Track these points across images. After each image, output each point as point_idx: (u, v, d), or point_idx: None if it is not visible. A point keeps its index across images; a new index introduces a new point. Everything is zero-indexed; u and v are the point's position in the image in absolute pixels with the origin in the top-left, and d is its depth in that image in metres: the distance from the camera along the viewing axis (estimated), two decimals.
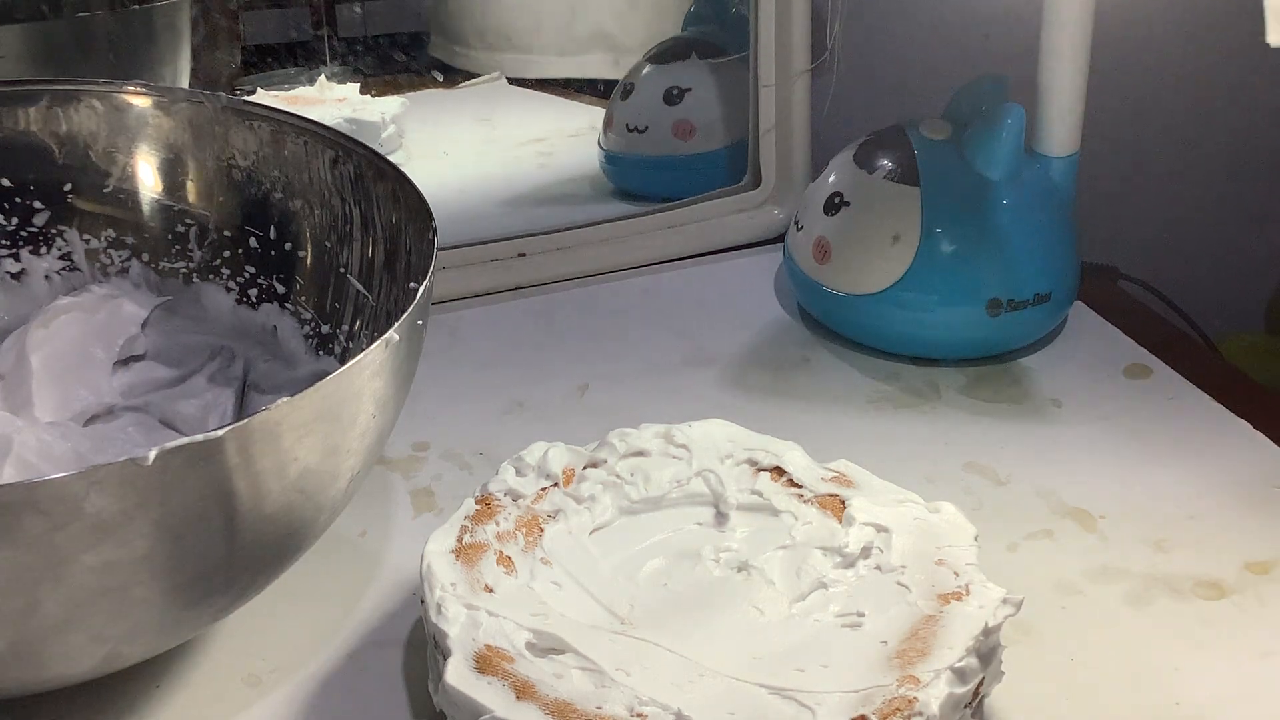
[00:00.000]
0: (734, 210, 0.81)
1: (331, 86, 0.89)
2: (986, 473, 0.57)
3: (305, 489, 0.41)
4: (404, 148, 0.89)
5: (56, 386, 0.55)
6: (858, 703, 0.38)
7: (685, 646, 0.41)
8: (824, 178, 0.69)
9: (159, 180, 0.58)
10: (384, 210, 0.53)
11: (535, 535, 0.46)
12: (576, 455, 0.49)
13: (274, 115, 0.56)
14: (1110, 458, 0.57)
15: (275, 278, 0.57)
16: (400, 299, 0.50)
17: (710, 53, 0.83)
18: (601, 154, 0.86)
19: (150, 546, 0.37)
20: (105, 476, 0.35)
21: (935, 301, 0.64)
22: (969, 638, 0.40)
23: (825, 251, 0.66)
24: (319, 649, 0.47)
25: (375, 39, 0.91)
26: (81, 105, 0.56)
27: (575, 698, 0.38)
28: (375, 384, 0.42)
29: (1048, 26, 0.62)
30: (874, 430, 0.61)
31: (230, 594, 0.43)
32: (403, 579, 0.51)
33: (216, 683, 0.46)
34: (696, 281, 0.76)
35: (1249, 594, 0.49)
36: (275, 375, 0.56)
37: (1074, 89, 0.63)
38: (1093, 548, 0.52)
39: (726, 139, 0.83)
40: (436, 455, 0.59)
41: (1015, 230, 0.63)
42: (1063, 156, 0.65)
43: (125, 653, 0.41)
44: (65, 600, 0.37)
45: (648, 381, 0.65)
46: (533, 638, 0.41)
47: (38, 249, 0.57)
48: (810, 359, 0.67)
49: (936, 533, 0.45)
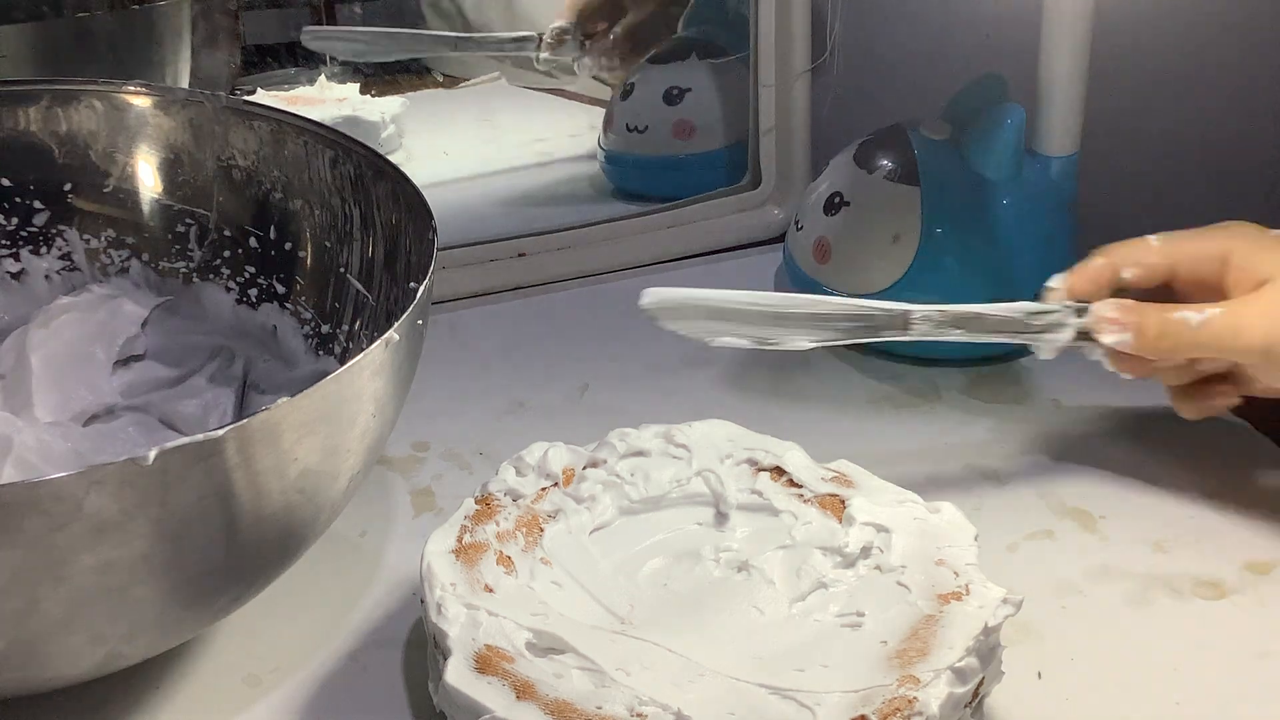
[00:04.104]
0: (734, 210, 0.81)
1: (331, 86, 0.89)
2: (986, 473, 0.57)
3: (305, 489, 0.41)
4: (404, 148, 0.89)
5: (56, 386, 0.55)
6: (858, 703, 0.38)
7: (685, 646, 0.41)
8: (824, 178, 0.69)
9: (159, 180, 0.58)
10: (384, 210, 0.53)
11: (535, 535, 0.46)
12: (576, 455, 0.49)
13: (274, 115, 0.56)
14: (1110, 458, 0.57)
15: (275, 278, 0.57)
16: (400, 299, 0.50)
17: (710, 53, 0.83)
18: (601, 154, 0.86)
19: (150, 546, 0.37)
20: (105, 476, 0.35)
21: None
22: (969, 638, 0.40)
23: (825, 251, 0.66)
24: (319, 649, 0.47)
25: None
26: (81, 105, 0.56)
27: (575, 697, 0.38)
28: (375, 384, 0.42)
29: (1048, 26, 0.62)
30: (874, 430, 0.61)
31: (230, 594, 0.43)
32: (403, 579, 0.51)
33: (216, 683, 0.46)
34: (696, 281, 0.76)
35: (1249, 594, 0.49)
36: (275, 375, 0.56)
37: (1074, 89, 0.63)
38: (1093, 548, 0.52)
39: (726, 139, 0.83)
40: (436, 455, 0.59)
41: (1015, 230, 0.63)
42: (1063, 156, 0.65)
43: (125, 653, 0.41)
44: (65, 600, 0.37)
45: (648, 381, 0.65)
46: (533, 637, 0.41)
47: (38, 249, 0.57)
48: (810, 359, 0.67)
49: (936, 533, 0.45)
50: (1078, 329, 0.51)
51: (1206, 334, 0.49)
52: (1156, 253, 0.51)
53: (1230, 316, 0.48)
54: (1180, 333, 0.49)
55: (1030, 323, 0.50)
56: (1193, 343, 0.49)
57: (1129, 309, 0.50)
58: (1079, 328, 0.51)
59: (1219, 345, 0.49)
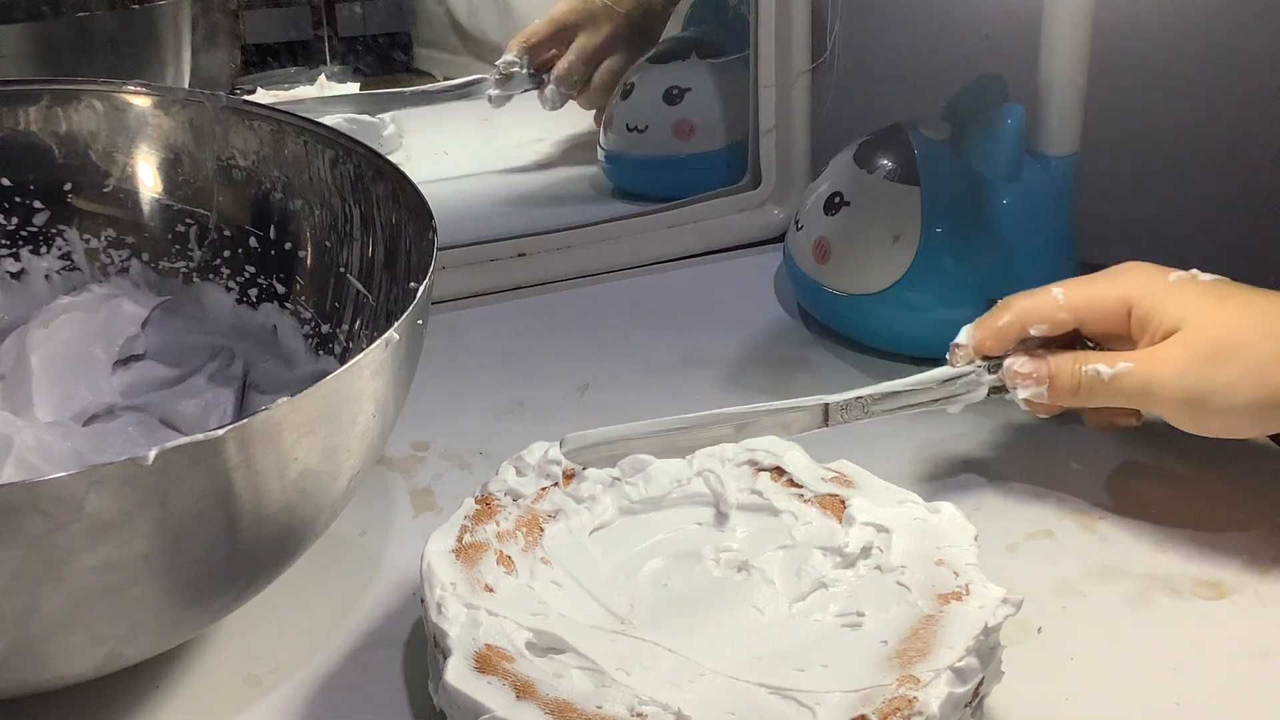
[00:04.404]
0: (734, 210, 0.81)
1: (331, 86, 0.89)
2: (987, 473, 0.57)
3: (305, 489, 0.41)
4: (404, 148, 0.89)
5: (56, 386, 0.55)
6: (857, 702, 0.38)
7: (685, 646, 0.41)
8: (824, 178, 0.69)
9: (159, 180, 0.58)
10: (384, 210, 0.53)
11: (535, 535, 0.46)
12: None
13: (274, 115, 0.56)
14: (1110, 458, 0.57)
15: (275, 277, 0.57)
16: (400, 299, 0.50)
17: (710, 53, 0.83)
18: (601, 154, 0.86)
19: (150, 546, 0.37)
20: (105, 476, 0.35)
21: (935, 301, 0.64)
22: (969, 638, 0.40)
23: (825, 251, 0.66)
24: (319, 649, 0.47)
25: (375, 39, 0.91)
26: (81, 105, 0.56)
27: (575, 697, 0.38)
28: (375, 384, 0.42)
29: (1048, 26, 0.62)
30: (874, 430, 0.60)
31: (230, 594, 0.43)
32: (403, 579, 0.51)
33: (216, 683, 0.46)
34: (696, 281, 0.76)
35: (1249, 594, 0.49)
36: (275, 375, 0.56)
37: (1074, 89, 0.63)
38: (1093, 548, 0.52)
39: (726, 139, 0.83)
40: (436, 455, 0.59)
41: (1015, 230, 0.63)
42: (1063, 156, 0.65)
43: (125, 653, 0.41)
44: (65, 600, 0.37)
45: (647, 381, 0.65)
46: (533, 637, 0.41)
47: (38, 249, 0.57)
48: (810, 359, 0.67)
49: (936, 533, 0.45)
50: (991, 385, 0.52)
51: (1119, 386, 0.49)
52: (1062, 308, 0.51)
53: (1142, 370, 0.49)
54: (1093, 385, 0.50)
55: (947, 389, 0.51)
56: (1105, 394, 0.50)
57: (1040, 362, 0.51)
58: (993, 384, 0.52)
59: (1131, 398, 0.50)
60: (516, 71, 0.84)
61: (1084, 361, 0.50)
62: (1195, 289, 0.50)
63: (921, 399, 0.51)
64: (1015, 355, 0.51)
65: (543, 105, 0.86)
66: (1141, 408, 0.51)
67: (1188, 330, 0.48)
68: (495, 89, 0.85)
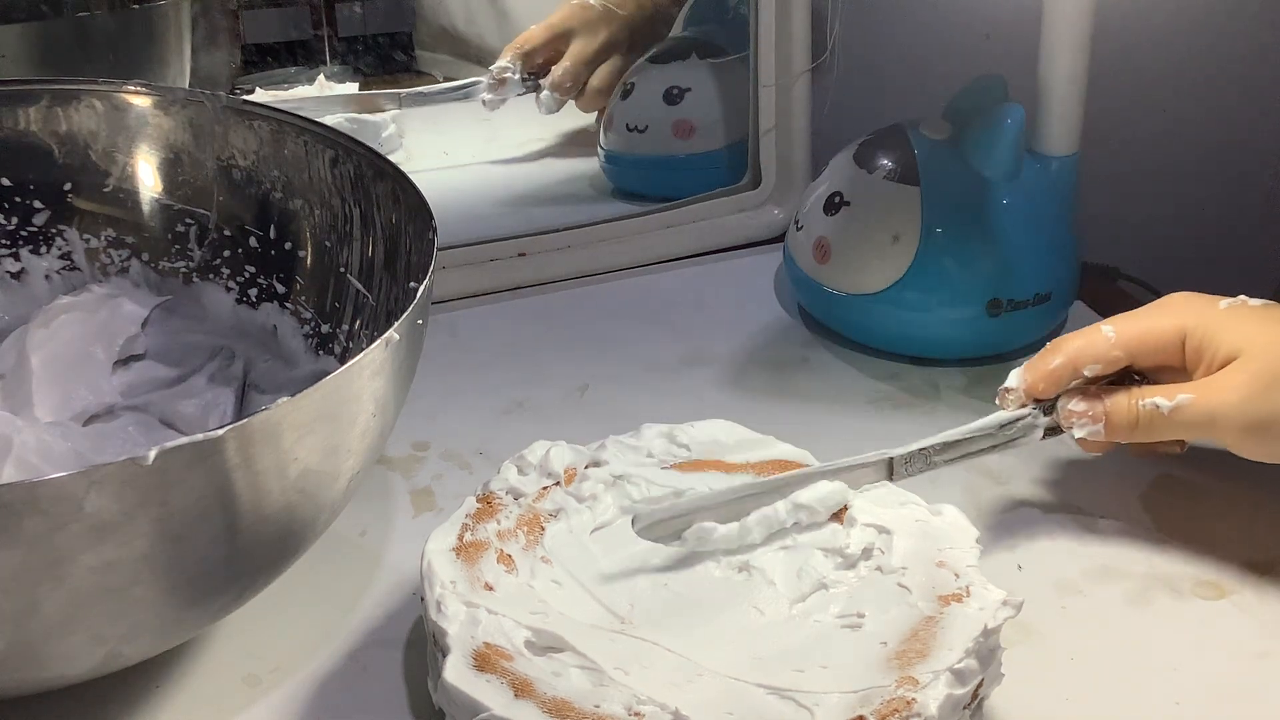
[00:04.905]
0: (734, 210, 0.81)
1: (331, 86, 0.89)
2: (987, 473, 0.57)
3: (305, 489, 0.41)
4: (404, 148, 0.89)
5: (56, 386, 0.55)
6: (856, 703, 0.38)
7: (685, 646, 0.41)
8: (824, 178, 0.69)
9: (159, 180, 0.58)
10: (384, 210, 0.53)
11: (536, 534, 0.46)
12: (578, 454, 0.49)
13: (274, 115, 0.56)
14: (1109, 457, 0.57)
15: (275, 277, 0.57)
16: (400, 299, 0.50)
17: (710, 53, 0.83)
18: (601, 154, 0.86)
19: (150, 546, 0.37)
20: (105, 476, 0.35)
21: (935, 301, 0.64)
22: (968, 639, 0.40)
23: (825, 251, 0.66)
24: (319, 649, 0.47)
25: (375, 38, 0.91)
26: (81, 105, 0.56)
27: (574, 696, 0.38)
28: (375, 384, 0.42)
29: (1048, 26, 0.62)
30: (874, 430, 0.60)
31: (230, 594, 0.43)
32: (403, 578, 0.51)
33: (216, 683, 0.46)
34: (696, 281, 0.76)
35: (1249, 594, 0.49)
36: (275, 375, 0.56)
37: (1074, 89, 0.63)
38: (1093, 548, 0.52)
39: (726, 139, 0.83)
40: (436, 455, 0.59)
41: (1015, 230, 0.63)
42: (1063, 156, 0.65)
43: (125, 653, 0.41)
44: (65, 600, 0.37)
45: (647, 381, 0.65)
46: (532, 636, 0.41)
47: (38, 249, 0.57)
48: (810, 359, 0.67)
49: (938, 534, 0.45)
50: (1047, 427, 0.51)
51: (1180, 419, 0.49)
52: (1114, 346, 0.50)
53: (1204, 400, 0.48)
54: (1152, 419, 0.49)
55: (1006, 434, 0.51)
56: (1165, 428, 0.49)
57: (1096, 401, 0.50)
58: (1049, 425, 0.51)
59: (1194, 429, 0.49)
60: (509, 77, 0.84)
61: (1140, 396, 0.49)
62: (1249, 315, 0.49)
63: (982, 445, 0.50)
64: (1068, 395, 0.51)
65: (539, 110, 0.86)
66: (1205, 438, 0.50)
67: (1247, 357, 0.48)
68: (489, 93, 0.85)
